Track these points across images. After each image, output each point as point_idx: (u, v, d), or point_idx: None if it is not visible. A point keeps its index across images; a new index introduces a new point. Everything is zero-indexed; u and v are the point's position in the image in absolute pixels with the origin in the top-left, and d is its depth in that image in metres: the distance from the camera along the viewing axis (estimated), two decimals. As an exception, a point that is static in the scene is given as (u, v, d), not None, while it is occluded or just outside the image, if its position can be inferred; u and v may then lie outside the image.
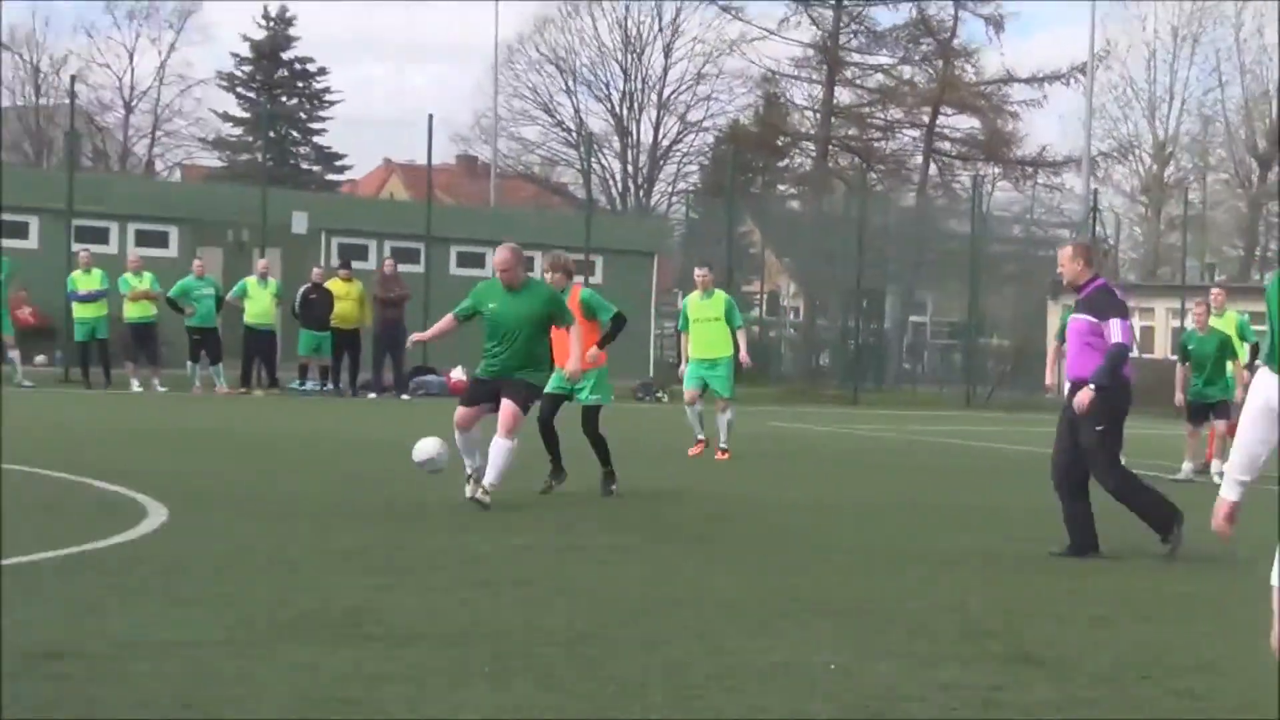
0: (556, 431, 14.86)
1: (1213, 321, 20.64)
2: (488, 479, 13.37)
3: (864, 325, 43.71)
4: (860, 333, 43.28)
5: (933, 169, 63.48)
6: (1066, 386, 12.53)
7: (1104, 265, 50.51)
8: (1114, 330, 12.09)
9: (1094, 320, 12.19)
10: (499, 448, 13.37)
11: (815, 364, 49.89)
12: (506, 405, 13.48)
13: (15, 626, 7.71)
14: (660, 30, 67.53)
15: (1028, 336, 47.23)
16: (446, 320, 14.36)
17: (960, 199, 56.81)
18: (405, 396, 30.37)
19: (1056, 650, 8.43)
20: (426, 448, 13.62)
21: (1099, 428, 12.10)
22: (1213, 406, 20.32)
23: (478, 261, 42.22)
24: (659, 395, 34.07)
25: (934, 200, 60.60)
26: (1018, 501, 16.37)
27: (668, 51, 67.79)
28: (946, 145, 64.20)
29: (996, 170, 63.50)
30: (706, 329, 19.89)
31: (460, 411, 13.77)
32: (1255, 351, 20.74)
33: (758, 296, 53.93)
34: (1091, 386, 11.98)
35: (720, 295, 20.22)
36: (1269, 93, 63.77)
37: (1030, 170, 63.39)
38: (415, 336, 15.54)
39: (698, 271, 20.55)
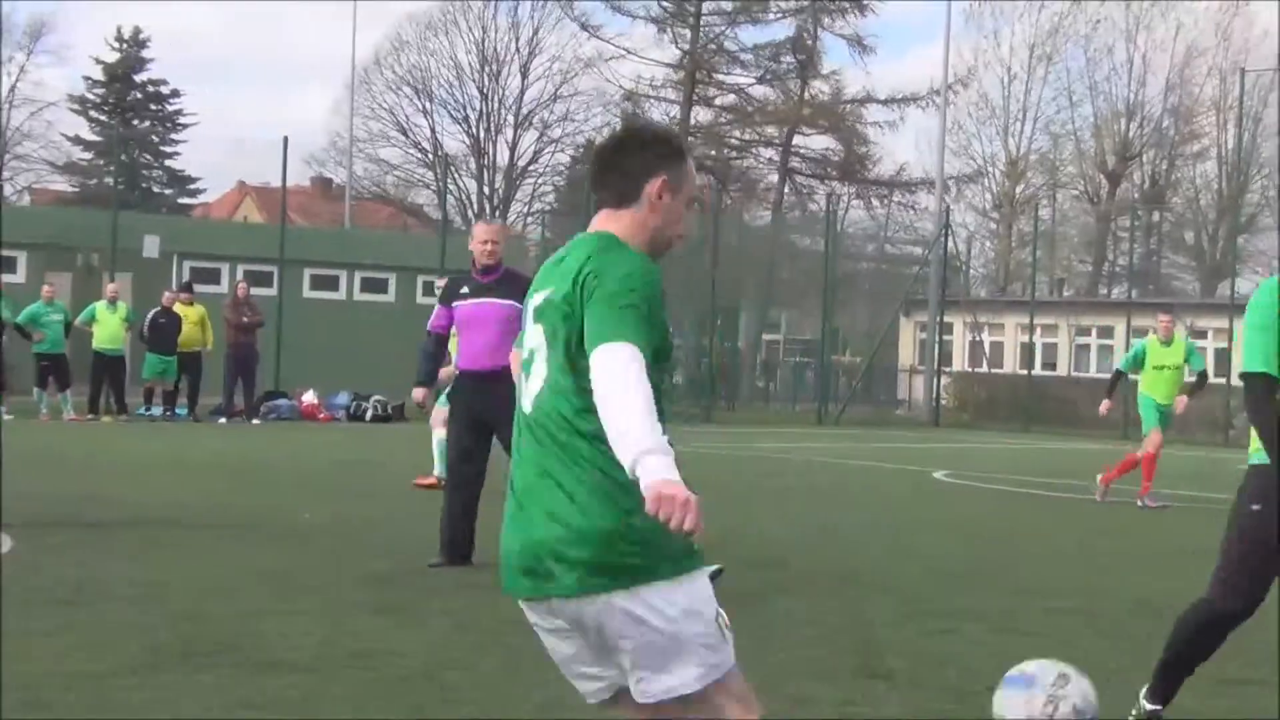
0: None
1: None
2: None
3: (718, 344, 43.87)
4: (713, 351, 43.42)
5: (789, 188, 63.90)
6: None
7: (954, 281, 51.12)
8: None
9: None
10: None
11: (669, 382, 49.95)
12: None
13: None
14: (518, 50, 67.32)
15: (879, 353, 47.62)
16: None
17: (815, 218, 57.28)
18: (256, 421, 30.08)
19: (907, 664, 8.54)
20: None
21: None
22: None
23: (332, 284, 41.97)
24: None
25: (789, 219, 61.06)
26: (860, 519, 16.55)
27: (525, 72, 67.60)
28: (802, 165, 64.66)
29: (852, 190, 64.06)
30: None
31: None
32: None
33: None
34: None
35: None
36: (1118, 110, 64.85)
37: (886, 190, 63.98)
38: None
39: None
